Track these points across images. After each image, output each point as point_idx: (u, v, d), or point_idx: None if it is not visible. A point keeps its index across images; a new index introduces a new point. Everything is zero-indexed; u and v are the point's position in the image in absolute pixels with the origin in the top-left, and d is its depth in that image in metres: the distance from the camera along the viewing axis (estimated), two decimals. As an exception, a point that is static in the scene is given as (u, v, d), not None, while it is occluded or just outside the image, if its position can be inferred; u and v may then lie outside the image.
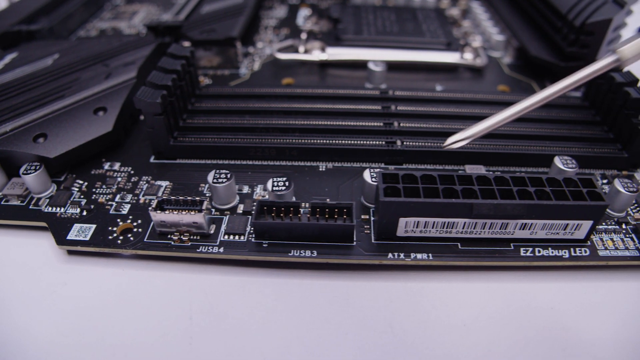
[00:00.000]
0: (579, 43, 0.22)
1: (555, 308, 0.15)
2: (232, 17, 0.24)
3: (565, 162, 0.18)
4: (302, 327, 0.14)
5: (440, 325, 0.14)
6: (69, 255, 0.16)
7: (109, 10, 0.31)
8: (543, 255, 0.16)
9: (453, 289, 0.15)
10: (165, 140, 0.18)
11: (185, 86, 0.20)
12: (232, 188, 0.16)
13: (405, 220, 0.15)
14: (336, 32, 0.25)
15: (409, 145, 0.18)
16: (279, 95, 0.21)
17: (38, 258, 0.16)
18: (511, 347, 0.14)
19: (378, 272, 0.16)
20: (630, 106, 0.19)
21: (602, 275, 0.16)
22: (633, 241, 0.16)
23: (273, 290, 0.15)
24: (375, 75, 0.22)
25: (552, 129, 0.20)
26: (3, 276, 0.16)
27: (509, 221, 0.15)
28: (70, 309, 0.15)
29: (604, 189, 0.19)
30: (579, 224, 0.15)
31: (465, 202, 0.14)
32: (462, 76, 0.25)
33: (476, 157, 0.18)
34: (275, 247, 0.15)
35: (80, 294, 0.15)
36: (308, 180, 0.18)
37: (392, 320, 0.14)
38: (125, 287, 0.15)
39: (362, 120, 0.19)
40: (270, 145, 0.18)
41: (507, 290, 0.15)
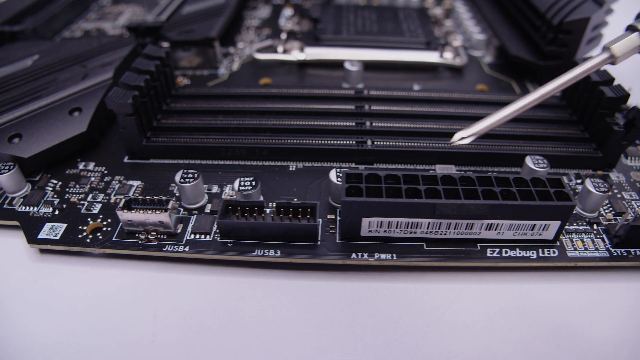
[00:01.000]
0: (557, 42, 0.22)
1: (520, 309, 0.15)
2: (212, 18, 0.25)
3: (536, 161, 0.17)
4: (264, 326, 0.14)
5: (403, 326, 0.14)
6: (41, 254, 0.17)
7: (95, 11, 0.31)
8: (510, 256, 0.15)
9: (418, 289, 0.15)
10: (138, 141, 0.18)
11: (160, 87, 0.20)
12: (200, 188, 0.17)
13: (369, 220, 0.15)
14: (315, 32, 0.25)
15: (380, 145, 0.18)
16: (253, 95, 0.21)
17: (10, 257, 0.16)
18: (475, 348, 0.14)
19: (343, 272, 0.16)
20: (605, 105, 0.19)
21: (572, 276, 0.16)
22: (604, 242, 0.16)
23: (237, 290, 0.15)
24: (352, 74, 0.22)
25: (528, 128, 0.20)
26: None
27: (474, 221, 0.15)
28: (38, 307, 0.15)
29: (577, 189, 0.19)
30: (547, 224, 0.15)
31: (427, 202, 0.14)
32: (442, 75, 0.25)
33: (448, 157, 0.18)
34: (240, 247, 0.15)
35: (49, 292, 0.15)
36: (277, 180, 0.18)
37: (353, 321, 0.14)
38: (92, 286, 0.15)
39: (335, 120, 0.19)
40: (240, 145, 0.18)
41: (473, 291, 0.15)
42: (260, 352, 0.13)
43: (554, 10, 0.22)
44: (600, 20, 0.23)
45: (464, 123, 0.20)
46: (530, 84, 0.24)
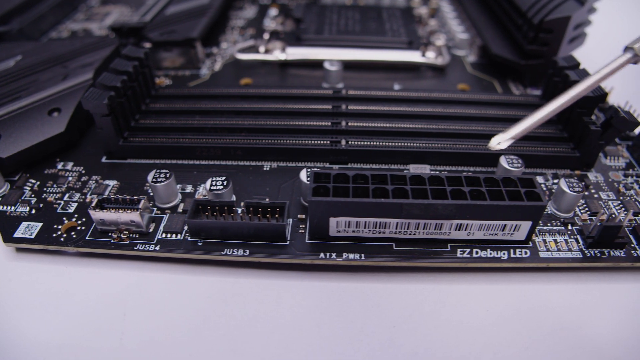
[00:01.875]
0: (538, 41, 0.22)
1: (490, 311, 0.15)
2: (195, 18, 0.25)
3: (510, 161, 0.17)
4: (231, 325, 0.14)
5: (370, 326, 0.14)
6: (17, 252, 0.17)
7: (83, 12, 0.31)
8: (481, 257, 0.15)
9: (387, 289, 0.15)
10: (115, 141, 0.18)
11: (138, 87, 0.20)
12: (172, 187, 0.17)
13: (336, 220, 0.15)
14: (297, 32, 0.25)
15: (354, 145, 0.18)
16: (231, 95, 0.21)
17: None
18: (441, 348, 0.14)
19: (312, 272, 0.16)
20: (582, 104, 0.18)
21: (544, 277, 0.16)
22: (577, 243, 0.16)
23: (206, 289, 0.15)
24: (331, 74, 0.22)
25: (506, 127, 0.20)
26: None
27: (443, 222, 0.15)
28: (13, 305, 0.15)
29: (554, 189, 0.18)
30: (518, 224, 0.15)
31: (394, 202, 0.14)
32: (424, 75, 0.24)
33: (423, 157, 0.18)
34: (209, 246, 0.15)
35: (22, 290, 0.15)
36: (251, 179, 0.18)
37: (320, 321, 0.14)
38: (66, 284, 0.16)
39: (310, 120, 0.19)
40: (215, 145, 0.18)
41: (443, 292, 0.15)
42: (227, 351, 0.13)
43: (535, 9, 0.22)
44: (582, 19, 0.23)
45: (441, 122, 0.20)
46: (512, 83, 0.24)
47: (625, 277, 0.16)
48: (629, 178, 0.19)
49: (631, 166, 0.20)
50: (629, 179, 0.19)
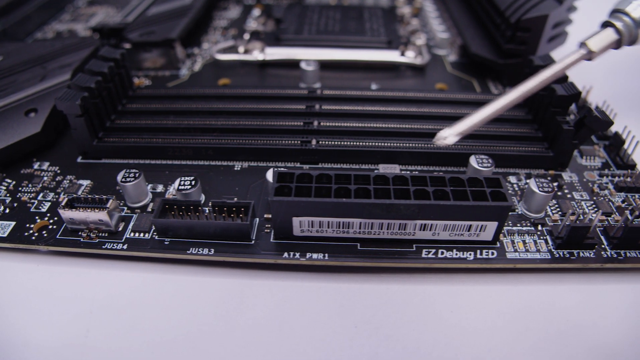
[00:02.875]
0: (516, 40, 0.22)
1: (455, 312, 0.15)
2: (175, 19, 0.25)
3: (480, 161, 0.17)
4: (194, 323, 0.14)
5: (332, 326, 0.14)
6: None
7: (69, 12, 0.31)
8: (446, 257, 0.15)
9: (351, 289, 0.15)
10: (89, 141, 0.19)
11: (114, 88, 0.20)
12: (142, 187, 0.17)
13: (299, 219, 0.15)
14: (277, 32, 0.25)
15: (324, 145, 0.18)
16: (207, 95, 0.21)
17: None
18: (403, 349, 0.14)
19: (277, 272, 0.16)
20: (556, 104, 0.18)
21: (512, 278, 0.16)
22: (547, 243, 0.16)
23: (172, 287, 0.15)
24: (308, 74, 0.22)
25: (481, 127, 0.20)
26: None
27: (407, 222, 0.15)
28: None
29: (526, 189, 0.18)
30: (483, 225, 0.15)
31: (355, 202, 0.14)
32: (404, 75, 0.24)
33: (393, 156, 0.18)
34: (176, 245, 0.15)
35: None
36: (222, 179, 0.18)
37: (282, 320, 0.14)
38: (36, 282, 0.16)
39: (283, 120, 0.19)
40: (186, 146, 0.18)
41: (407, 292, 0.15)
42: (188, 349, 0.14)
43: (513, 8, 0.22)
44: (561, 18, 0.22)
45: (414, 122, 0.20)
46: (492, 82, 0.24)
47: (594, 279, 0.16)
48: (604, 178, 0.19)
49: (607, 166, 0.20)
50: (604, 179, 0.19)
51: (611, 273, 0.16)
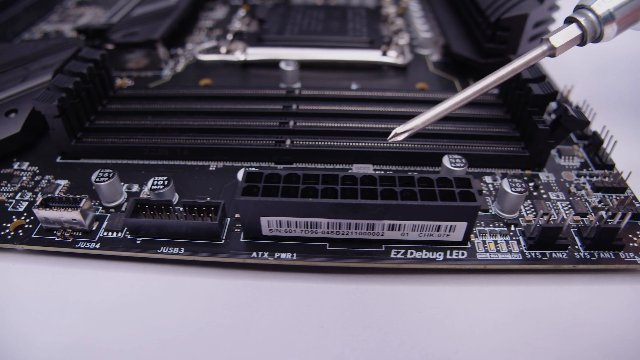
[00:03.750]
0: (496, 39, 0.22)
1: (423, 313, 0.15)
2: (159, 20, 0.25)
3: (453, 160, 0.17)
4: (164, 322, 0.14)
5: (298, 325, 0.14)
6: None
7: (58, 13, 0.32)
8: (415, 258, 0.15)
9: (319, 289, 0.15)
10: (67, 141, 0.19)
11: (94, 88, 0.20)
12: (116, 186, 0.17)
13: (267, 219, 0.15)
14: (259, 33, 0.25)
15: (298, 145, 0.18)
16: (186, 96, 0.21)
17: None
18: (368, 349, 0.14)
19: (247, 271, 0.16)
20: (532, 103, 0.18)
21: (483, 279, 0.16)
22: (519, 244, 0.16)
23: (143, 286, 0.15)
24: (287, 74, 0.22)
25: (458, 126, 0.20)
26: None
27: (374, 222, 0.15)
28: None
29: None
30: (452, 225, 0.15)
31: (322, 202, 0.14)
32: (386, 74, 0.24)
33: (368, 156, 0.18)
34: (148, 244, 0.16)
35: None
36: (196, 179, 0.18)
37: (249, 319, 0.14)
38: (12, 280, 0.16)
39: (259, 120, 0.19)
40: (163, 146, 0.18)
41: (376, 293, 0.15)
42: (155, 346, 0.14)
43: (494, 7, 0.22)
44: (542, 17, 0.22)
45: (391, 122, 0.19)
46: (473, 82, 0.24)
47: (568, 280, 0.16)
48: (581, 178, 0.19)
49: (586, 166, 0.19)
50: (582, 179, 0.19)
51: (585, 274, 0.16)
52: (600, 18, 0.15)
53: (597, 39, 0.15)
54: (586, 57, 0.29)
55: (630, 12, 0.15)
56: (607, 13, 0.15)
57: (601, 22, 0.15)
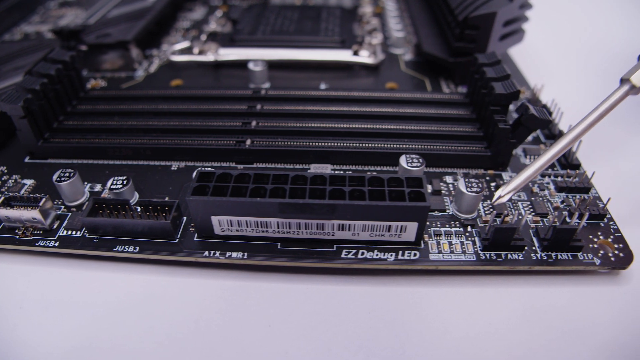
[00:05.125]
0: (465, 38, 0.22)
1: (372, 313, 0.15)
2: (133, 21, 0.25)
3: (410, 160, 0.17)
4: (116, 320, 0.14)
5: (246, 324, 0.14)
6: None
7: (40, 14, 0.32)
8: (366, 258, 0.15)
9: (270, 289, 0.15)
10: (34, 142, 0.19)
11: (62, 89, 0.21)
12: (77, 186, 0.17)
13: (218, 218, 0.15)
14: (232, 33, 0.25)
15: (258, 145, 0.18)
16: (154, 96, 0.21)
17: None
18: (314, 350, 0.14)
19: (200, 270, 0.16)
20: (494, 102, 0.18)
21: (437, 280, 0.16)
22: (474, 245, 0.16)
23: (99, 284, 0.16)
24: (256, 74, 0.22)
25: (421, 126, 0.19)
26: None
27: (324, 222, 0.15)
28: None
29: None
30: (403, 225, 0.15)
31: (269, 201, 0.14)
32: (357, 74, 0.24)
33: (327, 156, 0.18)
34: (104, 243, 0.16)
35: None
36: (158, 179, 0.18)
37: (198, 317, 0.14)
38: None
39: (223, 120, 0.19)
40: (126, 146, 0.19)
41: (326, 293, 0.15)
42: (106, 342, 0.14)
43: (463, 6, 0.22)
44: (513, 16, 0.22)
45: (353, 121, 0.19)
46: (444, 81, 0.24)
47: (523, 281, 0.16)
48: (545, 178, 0.19)
49: (552, 166, 0.19)
50: (546, 179, 0.19)
51: (542, 276, 0.16)
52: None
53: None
54: (562, 56, 0.29)
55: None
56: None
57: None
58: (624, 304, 0.15)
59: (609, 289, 0.15)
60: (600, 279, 0.16)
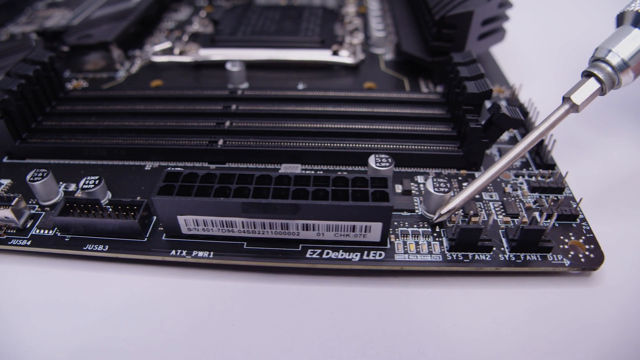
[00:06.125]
0: (442, 37, 0.21)
1: (336, 313, 0.15)
2: (116, 22, 0.25)
3: (379, 160, 0.17)
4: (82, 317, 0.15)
5: (210, 323, 0.14)
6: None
7: (27, 15, 0.32)
8: (331, 258, 0.15)
9: (236, 288, 0.15)
10: (11, 142, 0.19)
11: (41, 90, 0.21)
12: (50, 186, 0.17)
13: (184, 218, 0.15)
14: (213, 34, 0.26)
15: (230, 145, 0.18)
16: (132, 97, 0.21)
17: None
18: (279, 349, 0.14)
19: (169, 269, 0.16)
20: (467, 101, 0.18)
21: (404, 281, 0.15)
22: (441, 246, 0.16)
23: (69, 283, 0.16)
24: (233, 75, 0.22)
25: (395, 125, 0.19)
26: None
27: (288, 221, 0.15)
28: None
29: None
30: (367, 225, 0.15)
31: (232, 201, 0.14)
32: (337, 74, 0.24)
33: (299, 156, 0.18)
34: (75, 242, 0.16)
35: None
36: (131, 179, 0.18)
37: (162, 316, 0.15)
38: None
39: (198, 121, 0.19)
40: (101, 146, 0.19)
41: (291, 293, 0.15)
42: (73, 339, 0.14)
43: (441, 5, 0.22)
44: (492, 15, 0.22)
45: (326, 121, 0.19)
46: (423, 81, 0.24)
47: (491, 282, 0.15)
48: (519, 178, 0.19)
49: (527, 165, 0.19)
50: (520, 179, 0.18)
51: (512, 277, 0.16)
52: (615, 68, 0.16)
53: (616, 86, 0.16)
54: (544, 55, 0.28)
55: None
56: (622, 62, 0.16)
57: (617, 71, 0.16)
58: (594, 306, 0.15)
59: (580, 290, 0.15)
60: (571, 280, 0.16)
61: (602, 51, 0.16)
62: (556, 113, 0.16)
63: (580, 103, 0.16)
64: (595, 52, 0.16)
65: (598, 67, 0.16)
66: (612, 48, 0.16)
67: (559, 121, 0.16)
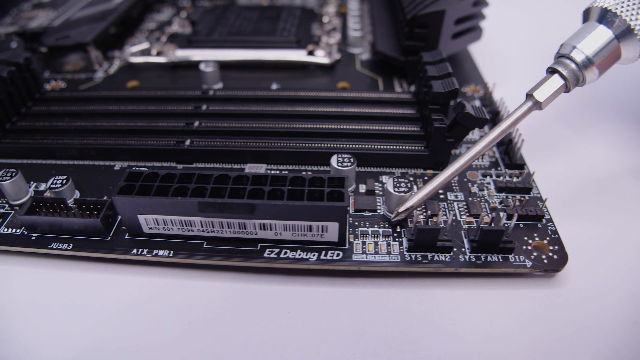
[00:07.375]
0: (415, 36, 0.21)
1: (292, 313, 0.15)
2: (95, 23, 0.26)
3: (341, 160, 0.17)
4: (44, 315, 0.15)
5: (167, 321, 0.14)
6: None
7: (12, 16, 0.32)
8: (288, 257, 0.15)
9: (195, 287, 0.15)
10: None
11: (16, 91, 0.21)
12: (19, 185, 0.18)
13: (144, 217, 0.15)
14: (190, 35, 0.26)
15: (196, 145, 0.18)
16: (106, 98, 0.21)
17: None
18: (229, 347, 0.14)
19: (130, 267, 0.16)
20: (432, 100, 0.18)
21: (362, 281, 0.15)
22: (400, 246, 0.16)
23: (35, 281, 0.16)
24: (207, 75, 0.22)
25: (362, 125, 0.19)
26: None
27: (246, 221, 0.15)
28: None
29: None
30: (324, 225, 0.15)
31: (190, 200, 0.14)
32: (313, 74, 0.24)
33: (264, 156, 0.18)
34: (41, 240, 0.16)
35: None
36: (101, 178, 0.19)
37: (122, 315, 0.15)
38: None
39: (168, 121, 0.20)
40: (72, 146, 0.19)
41: (249, 292, 0.15)
42: (33, 336, 0.14)
43: (414, 4, 0.21)
44: (466, 13, 0.22)
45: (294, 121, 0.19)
46: (397, 80, 0.24)
47: (451, 284, 0.15)
48: (487, 178, 0.18)
49: (496, 165, 0.19)
50: (487, 178, 0.18)
51: (473, 278, 0.16)
52: (579, 65, 0.15)
53: (580, 84, 0.16)
54: (522, 54, 0.28)
55: (607, 54, 0.16)
56: (586, 59, 0.15)
57: (581, 68, 0.15)
58: (556, 307, 0.15)
59: (543, 292, 0.15)
60: (535, 282, 0.16)
61: (567, 47, 0.16)
62: (519, 110, 0.16)
63: (543, 100, 0.16)
64: (560, 48, 0.16)
65: (562, 63, 0.16)
66: (577, 44, 0.16)
67: (521, 118, 0.16)
